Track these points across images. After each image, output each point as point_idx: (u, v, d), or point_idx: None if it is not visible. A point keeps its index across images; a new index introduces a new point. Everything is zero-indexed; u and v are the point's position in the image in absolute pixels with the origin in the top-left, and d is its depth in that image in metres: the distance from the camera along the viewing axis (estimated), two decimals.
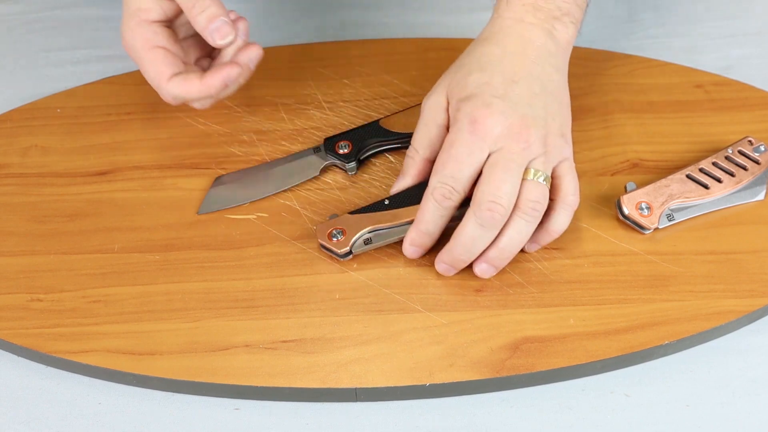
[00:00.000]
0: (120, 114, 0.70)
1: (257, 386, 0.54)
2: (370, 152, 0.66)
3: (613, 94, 0.70)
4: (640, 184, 0.62)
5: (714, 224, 0.61)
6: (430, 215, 0.56)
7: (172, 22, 0.62)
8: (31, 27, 0.82)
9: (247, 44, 0.61)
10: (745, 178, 0.63)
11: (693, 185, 0.62)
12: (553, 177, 0.56)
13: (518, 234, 0.55)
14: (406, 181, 0.60)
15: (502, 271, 0.58)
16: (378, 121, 0.66)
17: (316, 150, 0.65)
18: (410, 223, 0.58)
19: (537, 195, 0.54)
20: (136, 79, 0.73)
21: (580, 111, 0.69)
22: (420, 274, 0.59)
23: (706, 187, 0.62)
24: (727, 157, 0.64)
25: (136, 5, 0.60)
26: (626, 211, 0.60)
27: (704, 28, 0.80)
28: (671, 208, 0.61)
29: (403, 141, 0.65)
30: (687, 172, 0.62)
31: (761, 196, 0.63)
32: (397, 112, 0.67)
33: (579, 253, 0.60)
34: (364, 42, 0.75)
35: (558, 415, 0.54)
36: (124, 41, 0.61)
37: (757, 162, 0.63)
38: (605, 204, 0.62)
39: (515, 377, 0.54)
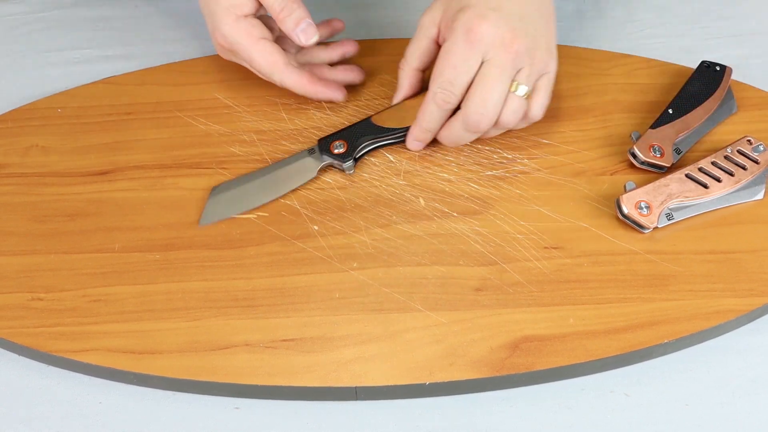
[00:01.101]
0: (120, 114, 0.70)
1: (257, 385, 0.54)
2: (366, 149, 0.66)
3: (613, 94, 0.71)
4: (640, 184, 0.62)
5: (713, 223, 0.61)
6: (430, 116, 0.62)
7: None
8: (31, 27, 0.82)
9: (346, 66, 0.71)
10: (744, 177, 0.63)
11: (692, 184, 0.62)
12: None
13: (488, 135, 0.64)
14: (402, 92, 0.66)
15: (502, 270, 0.58)
16: (370, 117, 0.66)
17: (310, 152, 0.65)
18: (705, 122, 0.65)
19: (516, 108, 0.60)
20: (136, 79, 0.73)
21: (580, 111, 0.69)
22: (420, 273, 0.59)
23: (705, 186, 0.62)
24: (726, 157, 0.64)
25: (228, 2, 0.64)
26: (626, 211, 0.60)
27: (704, 28, 0.80)
28: (670, 207, 0.61)
29: (397, 136, 0.65)
30: (686, 172, 0.63)
31: (760, 196, 0.63)
32: (388, 108, 0.66)
33: (579, 252, 0.60)
34: (364, 42, 0.75)
35: (557, 414, 0.54)
36: (224, 38, 0.65)
37: (756, 161, 0.64)
38: (605, 203, 0.62)
39: (515, 376, 0.54)
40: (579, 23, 0.81)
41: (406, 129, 0.65)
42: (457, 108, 0.61)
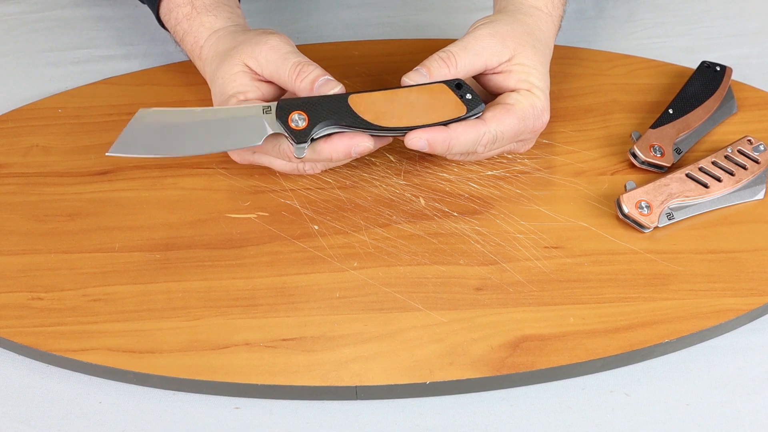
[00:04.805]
0: (120, 114, 0.70)
1: (257, 384, 0.54)
2: (326, 132, 0.57)
3: (613, 94, 0.71)
4: (640, 184, 0.62)
5: (713, 223, 0.61)
6: (458, 145, 0.57)
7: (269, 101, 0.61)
8: (31, 27, 0.82)
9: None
10: (744, 177, 0.63)
11: (693, 184, 0.62)
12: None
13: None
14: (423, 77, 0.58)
15: (503, 270, 0.58)
16: (347, 96, 0.56)
17: (265, 110, 0.56)
18: (705, 123, 0.66)
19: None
20: (136, 79, 0.73)
21: (580, 111, 0.69)
22: (420, 272, 0.59)
23: (705, 186, 0.62)
24: (726, 156, 0.64)
25: (232, 89, 0.59)
26: (626, 210, 0.60)
27: (704, 28, 0.80)
28: (671, 206, 0.61)
29: (369, 130, 0.57)
30: (687, 171, 0.63)
31: (761, 195, 0.63)
32: (374, 91, 0.57)
33: (579, 251, 0.60)
34: (365, 42, 0.75)
35: (558, 413, 0.54)
36: None
37: (756, 161, 0.64)
38: (605, 203, 0.63)
39: (515, 375, 0.54)
40: (579, 23, 0.81)
41: (380, 128, 0.57)
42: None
